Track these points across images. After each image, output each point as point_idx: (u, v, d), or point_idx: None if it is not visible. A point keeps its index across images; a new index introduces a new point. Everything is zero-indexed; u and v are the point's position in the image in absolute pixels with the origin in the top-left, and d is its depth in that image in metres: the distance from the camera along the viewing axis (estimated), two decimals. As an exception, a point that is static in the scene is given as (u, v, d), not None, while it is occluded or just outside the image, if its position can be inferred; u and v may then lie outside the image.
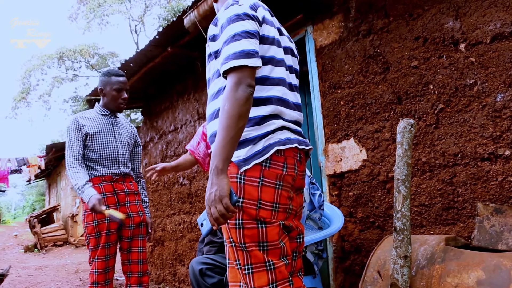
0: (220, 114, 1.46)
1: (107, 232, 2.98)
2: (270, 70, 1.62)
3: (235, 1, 1.62)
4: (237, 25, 1.53)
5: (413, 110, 2.75)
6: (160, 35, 4.47)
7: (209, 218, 1.43)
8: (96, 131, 3.06)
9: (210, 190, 1.42)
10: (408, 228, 1.92)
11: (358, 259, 3.05)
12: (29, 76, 19.84)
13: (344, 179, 3.18)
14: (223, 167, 1.41)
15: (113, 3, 18.17)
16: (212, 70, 1.70)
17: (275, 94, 1.61)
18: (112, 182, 3.06)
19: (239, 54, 1.48)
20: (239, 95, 1.44)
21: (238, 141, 1.47)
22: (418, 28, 2.76)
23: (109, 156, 3.07)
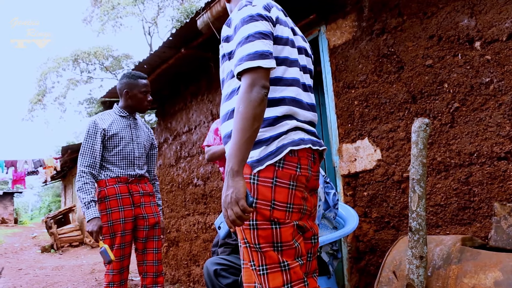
0: (235, 116, 1.46)
1: (122, 233, 2.98)
2: (284, 70, 1.61)
3: (249, 2, 1.62)
4: (251, 26, 1.53)
5: (428, 109, 2.73)
6: (173, 36, 4.49)
7: (225, 220, 1.43)
8: (115, 132, 3.07)
9: (226, 193, 1.42)
10: (424, 228, 1.90)
11: (373, 260, 3.03)
12: (45, 78, 20.09)
13: (359, 179, 3.17)
14: (238, 169, 1.41)
15: (126, 5, 18.32)
16: (226, 71, 1.70)
17: (289, 95, 1.60)
18: (127, 183, 3.07)
19: (253, 55, 1.47)
20: (254, 96, 1.44)
21: (253, 143, 1.47)
22: (432, 27, 2.74)
23: (126, 158, 3.08)
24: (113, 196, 3.00)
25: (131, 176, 3.09)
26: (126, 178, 3.06)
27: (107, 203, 2.98)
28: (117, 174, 3.05)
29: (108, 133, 3.06)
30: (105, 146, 3.07)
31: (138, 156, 3.14)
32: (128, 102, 3.18)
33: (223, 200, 1.43)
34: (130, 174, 3.09)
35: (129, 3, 18.22)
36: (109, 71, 21.02)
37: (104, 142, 3.06)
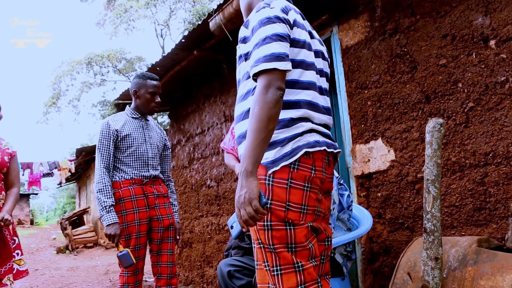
0: (250, 117, 1.47)
1: (137, 235, 2.97)
2: (300, 73, 1.62)
3: (267, 4, 1.63)
4: (268, 28, 1.54)
5: (442, 109, 2.70)
6: (186, 38, 4.52)
7: (238, 220, 1.44)
8: (127, 133, 3.06)
9: (239, 193, 1.43)
10: (439, 229, 1.89)
11: (387, 261, 3.01)
12: (59, 82, 20.32)
13: (372, 180, 3.15)
14: (252, 169, 1.42)
15: (139, 8, 18.45)
16: (242, 71, 1.72)
17: (305, 98, 1.61)
18: (142, 185, 3.06)
19: (269, 57, 1.49)
20: (269, 98, 1.45)
21: (268, 144, 1.47)
22: (446, 26, 2.72)
23: (139, 159, 3.07)
24: (128, 198, 2.99)
25: (145, 178, 3.07)
26: (140, 180, 3.05)
27: (122, 205, 2.97)
28: (131, 176, 3.04)
29: (121, 134, 3.05)
30: (118, 147, 3.06)
31: (151, 157, 3.12)
32: (137, 102, 3.18)
33: (236, 200, 1.44)
34: (145, 175, 3.07)
35: (142, 6, 18.35)
36: (122, 73, 21.18)
37: (117, 143, 3.06)
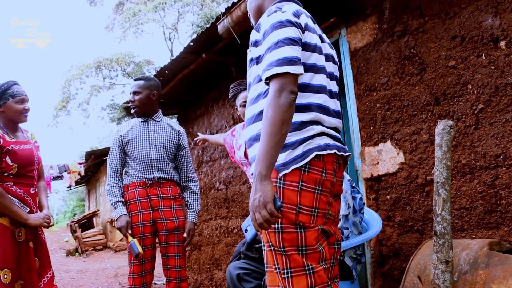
0: (263, 121, 1.48)
1: (141, 236, 3.01)
2: (311, 77, 1.63)
3: (278, 8, 1.64)
4: (280, 32, 1.55)
5: (452, 111, 2.69)
6: (194, 42, 4.53)
7: (253, 223, 1.45)
8: (131, 138, 3.14)
9: (254, 196, 1.43)
10: (449, 232, 1.88)
11: (397, 264, 3.00)
12: (68, 85, 20.47)
13: (382, 183, 3.14)
14: (266, 173, 1.43)
15: (147, 12, 18.55)
16: (253, 75, 1.73)
17: (315, 101, 1.62)
18: (146, 187, 3.09)
19: (282, 61, 1.50)
20: (282, 101, 1.46)
21: (281, 147, 1.48)
22: (455, 27, 2.70)
23: (143, 162, 3.09)
24: (133, 200, 3.07)
25: (149, 180, 3.09)
26: (144, 182, 3.09)
27: (128, 207, 3.06)
28: (136, 179, 3.09)
29: (125, 139, 3.15)
30: (126, 151, 3.16)
31: (156, 159, 3.11)
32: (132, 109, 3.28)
33: (250, 204, 1.44)
34: (148, 177, 3.09)
35: (150, 10, 18.45)
36: (131, 77, 21.28)
37: (124, 148, 3.17)
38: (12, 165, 2.75)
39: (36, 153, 2.97)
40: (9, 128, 2.88)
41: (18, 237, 2.73)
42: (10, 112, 2.83)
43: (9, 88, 2.83)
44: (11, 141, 2.80)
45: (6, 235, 2.65)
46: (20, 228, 2.74)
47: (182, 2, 18.38)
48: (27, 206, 2.80)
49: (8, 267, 2.61)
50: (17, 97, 2.84)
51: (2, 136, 2.75)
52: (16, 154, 2.77)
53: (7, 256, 2.61)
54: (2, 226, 2.66)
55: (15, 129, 2.93)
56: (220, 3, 18.81)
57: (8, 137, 2.80)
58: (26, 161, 2.83)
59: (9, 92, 2.82)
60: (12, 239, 2.68)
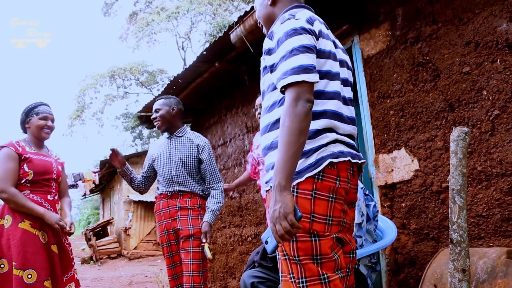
0: (280, 130, 1.47)
1: (168, 244, 3.27)
2: (326, 84, 1.61)
3: (292, 15, 1.62)
4: (295, 40, 1.54)
5: (466, 117, 2.66)
6: (207, 51, 4.56)
7: (274, 235, 1.43)
8: (156, 156, 3.43)
9: (274, 207, 1.41)
10: (466, 240, 1.85)
11: (412, 272, 2.96)
12: (83, 95, 20.70)
13: (396, 190, 3.11)
14: (286, 183, 1.41)
15: (160, 22, 18.72)
16: (267, 83, 1.71)
17: (330, 108, 1.60)
18: (167, 199, 3.30)
19: (297, 69, 1.48)
20: (299, 110, 1.45)
21: (299, 157, 1.47)
22: (468, 33, 2.68)
23: (165, 177, 3.32)
24: (158, 211, 3.34)
25: (170, 192, 3.30)
26: (166, 195, 3.31)
27: (156, 217, 3.37)
28: (161, 191, 3.35)
29: (152, 158, 3.47)
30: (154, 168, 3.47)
31: (176, 175, 3.28)
32: None
33: (271, 215, 1.42)
34: (169, 190, 3.30)
35: (163, 20, 18.61)
36: (144, 86, 21.47)
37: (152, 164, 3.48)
38: (28, 171, 2.95)
39: (56, 166, 3.16)
40: (35, 145, 3.13)
41: (43, 239, 2.90)
42: (33, 127, 3.09)
43: (36, 107, 3.12)
44: (31, 151, 3.04)
45: (28, 238, 2.83)
46: (43, 232, 2.91)
47: (194, 11, 18.51)
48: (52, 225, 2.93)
49: (31, 267, 2.76)
50: (41, 114, 3.10)
51: (22, 146, 3.02)
52: (32, 162, 2.98)
53: (29, 256, 2.77)
54: (23, 230, 2.83)
55: (40, 146, 3.17)
56: (232, 12, 18.92)
57: (28, 148, 3.05)
58: (42, 169, 3.01)
59: (35, 110, 3.10)
60: (35, 240, 2.85)
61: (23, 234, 2.82)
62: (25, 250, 2.78)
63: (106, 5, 22.21)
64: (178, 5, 18.94)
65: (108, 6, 22.26)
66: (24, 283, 2.71)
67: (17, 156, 2.94)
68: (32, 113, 3.09)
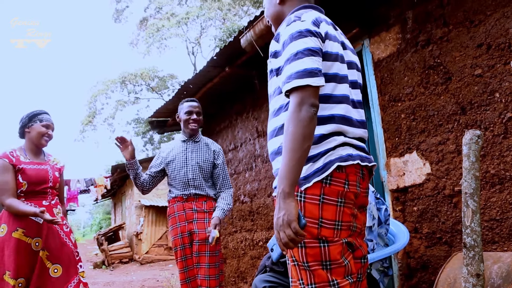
0: (284, 136, 1.44)
1: (181, 247, 3.27)
2: (333, 87, 1.58)
3: (297, 17, 1.59)
4: (300, 43, 1.51)
5: (479, 120, 2.64)
6: (217, 55, 4.58)
7: (278, 243, 1.41)
8: (171, 159, 3.42)
9: (278, 215, 1.40)
10: (479, 245, 1.83)
11: (425, 277, 2.94)
12: (94, 101, 20.85)
13: (408, 194, 3.09)
14: (290, 190, 1.39)
15: (170, 27, 18.83)
16: (273, 86, 1.68)
17: (338, 112, 1.57)
18: (183, 202, 3.32)
19: (301, 73, 1.45)
20: (303, 115, 1.41)
21: (304, 163, 1.44)
22: (480, 35, 2.67)
23: (181, 181, 3.33)
24: (172, 214, 3.35)
25: (185, 195, 3.32)
26: (182, 198, 3.33)
27: (170, 221, 3.37)
28: (175, 194, 3.36)
29: (166, 160, 3.45)
30: (167, 171, 3.45)
31: (192, 178, 3.32)
32: (181, 125, 3.50)
33: (275, 223, 1.41)
34: (185, 193, 3.32)
35: (173, 25, 18.73)
36: (155, 91, 21.59)
37: (166, 168, 3.45)
38: (23, 182, 3.05)
39: (53, 173, 3.20)
40: (32, 151, 3.21)
41: (35, 246, 3.00)
42: (34, 133, 3.17)
43: (40, 114, 3.21)
44: (25, 161, 3.12)
45: (20, 248, 2.94)
46: (36, 239, 3.01)
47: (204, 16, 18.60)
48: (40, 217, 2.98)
49: (23, 276, 2.90)
50: (45, 122, 3.20)
51: (16, 156, 3.11)
52: (26, 173, 3.06)
53: (21, 267, 2.90)
54: (16, 240, 2.94)
55: (37, 153, 3.25)
56: (242, 17, 18.98)
57: (22, 158, 3.13)
58: (36, 179, 3.09)
59: (39, 117, 3.20)
60: (26, 250, 2.95)
61: (16, 243, 2.93)
62: (19, 259, 2.90)
63: (117, 11, 22.39)
64: (188, 10, 19.05)
65: (118, 13, 22.44)
66: None
67: (11, 167, 3.04)
68: (36, 119, 3.18)
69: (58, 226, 3.10)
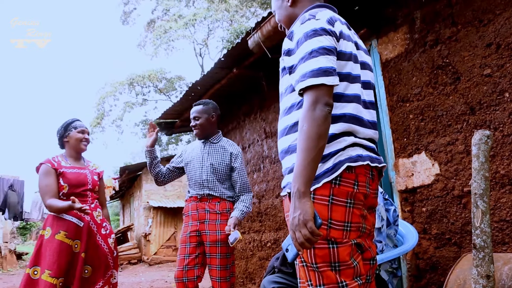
0: (299, 135, 1.44)
1: (187, 245, 3.28)
2: (346, 87, 1.57)
3: (312, 16, 1.58)
4: (314, 41, 1.50)
5: (488, 120, 2.62)
6: (225, 57, 4.59)
7: (294, 243, 1.40)
8: (188, 161, 3.48)
9: (293, 215, 1.39)
10: (489, 246, 1.82)
11: (434, 278, 2.92)
12: (103, 102, 20.96)
13: (417, 195, 3.08)
14: (305, 190, 1.39)
15: (178, 29, 18.89)
16: (285, 84, 1.67)
17: (349, 112, 1.56)
18: (197, 202, 3.34)
19: (316, 72, 1.45)
20: (317, 114, 1.41)
21: (319, 162, 1.43)
22: (489, 34, 2.65)
23: (196, 182, 3.37)
24: (186, 213, 3.39)
25: (199, 195, 3.34)
26: (196, 197, 3.35)
27: (184, 219, 3.42)
28: (191, 194, 3.40)
29: (185, 160, 3.52)
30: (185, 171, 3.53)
31: (206, 179, 3.33)
32: None
33: (290, 222, 1.40)
34: (199, 193, 3.34)
35: (181, 27, 18.79)
36: (163, 93, 21.66)
37: (184, 168, 3.53)
38: (64, 185, 3.22)
39: (92, 176, 3.39)
40: (72, 157, 3.40)
41: (75, 248, 3.15)
42: (72, 140, 3.35)
43: (73, 122, 3.39)
44: (66, 165, 3.30)
45: (62, 249, 3.10)
46: (76, 241, 3.16)
47: (211, 18, 18.64)
48: (81, 221, 3.20)
49: (63, 276, 3.05)
50: (79, 128, 3.38)
51: (58, 162, 3.29)
52: (66, 176, 3.23)
53: (62, 267, 3.05)
54: (59, 242, 3.10)
55: (77, 159, 3.43)
56: (249, 18, 19.01)
57: (64, 163, 3.31)
58: (76, 182, 3.26)
59: (72, 125, 3.38)
60: (67, 251, 3.11)
61: (59, 245, 3.09)
62: (60, 260, 3.05)
63: (125, 13, 22.51)
64: (195, 12, 19.10)
65: (126, 15, 22.56)
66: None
67: (54, 171, 3.22)
68: (71, 127, 3.36)
69: (96, 228, 3.27)
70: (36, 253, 3.15)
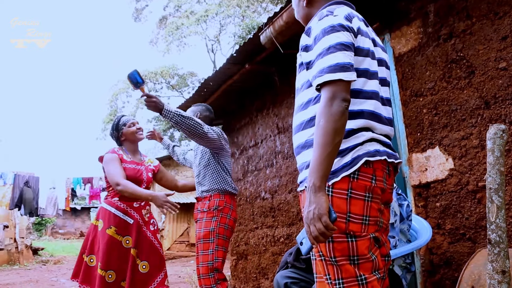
0: (316, 130, 1.45)
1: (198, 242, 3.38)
2: (364, 83, 1.58)
3: (330, 12, 1.59)
4: (332, 37, 1.51)
5: (503, 114, 2.60)
6: (237, 52, 4.59)
7: (308, 236, 1.42)
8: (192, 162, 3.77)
9: (308, 208, 1.40)
10: (505, 241, 1.81)
11: (448, 273, 2.91)
12: (116, 99, 21.09)
13: (430, 190, 3.06)
14: (320, 184, 1.40)
15: (190, 25, 18.92)
16: (302, 80, 1.69)
17: (368, 108, 1.57)
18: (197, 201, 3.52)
19: (334, 68, 1.45)
20: (334, 110, 1.42)
21: (335, 157, 1.45)
22: (505, 27, 2.62)
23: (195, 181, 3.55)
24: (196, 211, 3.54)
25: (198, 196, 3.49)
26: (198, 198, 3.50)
27: None
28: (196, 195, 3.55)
29: None
30: None
31: (196, 175, 3.51)
32: None
33: (305, 216, 1.41)
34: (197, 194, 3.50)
35: (192, 23, 18.80)
36: (175, 89, 21.72)
37: None
38: None
39: (146, 174, 3.52)
40: (131, 151, 3.54)
41: (126, 244, 3.27)
42: (128, 135, 3.49)
43: (120, 120, 3.52)
44: (126, 160, 3.43)
45: (112, 244, 3.21)
46: (127, 237, 3.28)
47: (223, 14, 18.64)
48: (131, 218, 3.32)
49: (113, 269, 3.17)
50: (127, 122, 3.50)
51: (120, 154, 3.42)
52: (125, 171, 3.34)
53: (112, 260, 3.17)
54: (109, 236, 3.22)
55: (136, 153, 3.57)
56: (261, 14, 18.95)
57: (125, 157, 3.44)
58: (133, 178, 3.35)
59: (120, 123, 3.50)
60: (118, 245, 3.23)
61: (109, 240, 3.21)
62: (109, 254, 3.17)
63: (137, 10, 22.58)
64: (207, 8, 19.10)
65: (138, 12, 22.63)
66: (105, 281, 3.11)
67: (120, 161, 3.36)
68: (121, 125, 3.49)
69: (145, 225, 3.37)
70: (91, 242, 3.29)
